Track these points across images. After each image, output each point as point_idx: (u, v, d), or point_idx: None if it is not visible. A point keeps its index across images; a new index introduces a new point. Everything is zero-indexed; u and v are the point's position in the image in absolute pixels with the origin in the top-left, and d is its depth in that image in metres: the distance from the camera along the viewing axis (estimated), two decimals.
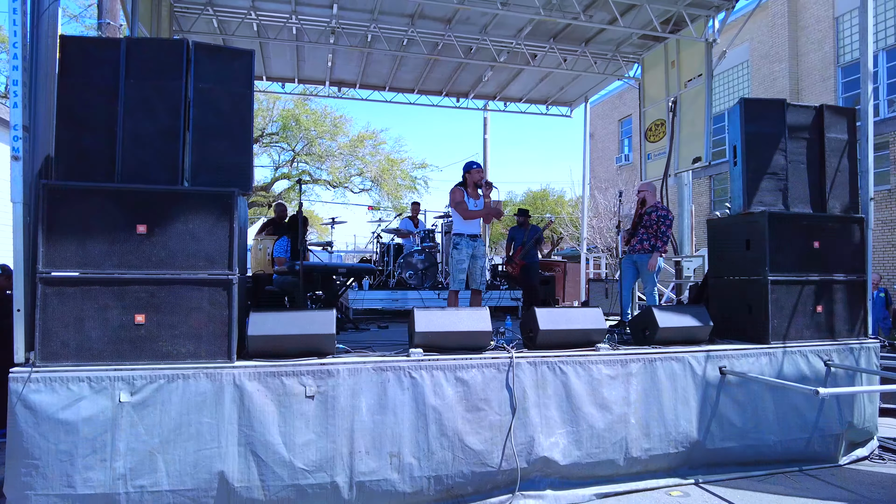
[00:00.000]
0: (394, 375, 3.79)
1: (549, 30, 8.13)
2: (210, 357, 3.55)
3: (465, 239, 5.46)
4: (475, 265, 5.52)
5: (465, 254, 5.43)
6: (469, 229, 5.48)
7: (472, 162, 5.67)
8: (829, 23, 13.55)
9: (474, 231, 5.53)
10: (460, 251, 5.44)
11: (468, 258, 5.44)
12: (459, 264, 5.42)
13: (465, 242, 5.45)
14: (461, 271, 5.42)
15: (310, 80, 10.03)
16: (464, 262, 5.41)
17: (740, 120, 5.01)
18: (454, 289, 5.50)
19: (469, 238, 5.48)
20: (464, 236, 5.47)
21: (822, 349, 4.88)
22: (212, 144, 3.73)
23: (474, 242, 5.49)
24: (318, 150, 24.42)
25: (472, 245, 5.47)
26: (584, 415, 4.08)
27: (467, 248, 5.45)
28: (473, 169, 5.59)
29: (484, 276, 5.59)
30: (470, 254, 5.46)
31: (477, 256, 5.52)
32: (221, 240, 3.61)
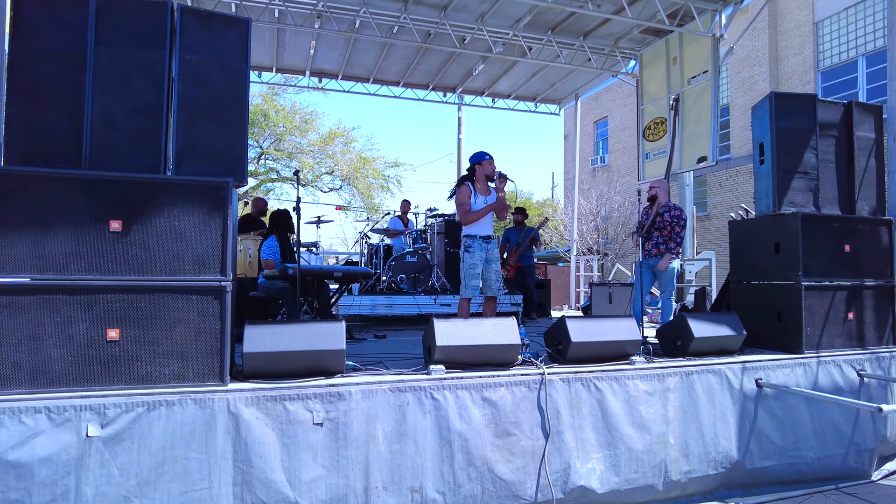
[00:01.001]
0: (413, 397, 3.29)
1: (548, 21, 7.75)
2: (199, 379, 2.98)
3: (477, 241, 4.86)
4: (489, 269, 4.91)
5: (478, 257, 4.82)
6: (482, 230, 4.89)
7: (482, 152, 5.04)
8: (808, 28, 13.64)
9: (487, 232, 4.92)
10: (473, 255, 4.83)
11: (482, 262, 4.87)
12: (472, 269, 4.82)
13: (477, 245, 4.85)
14: (475, 277, 4.81)
15: (289, 70, 9.39)
16: (477, 266, 4.81)
17: (770, 115, 4.69)
18: (466, 296, 4.89)
19: (482, 240, 4.88)
20: (476, 238, 4.87)
21: (854, 359, 4.61)
22: (201, 127, 3.16)
23: (488, 244, 4.90)
24: (288, 147, 23.58)
25: (485, 247, 4.87)
26: (621, 436, 3.67)
27: (481, 250, 4.84)
28: (485, 160, 4.96)
29: (499, 281, 5.02)
30: (484, 257, 4.89)
31: (491, 260, 4.94)
32: (212, 239, 3.04)
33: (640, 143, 8.59)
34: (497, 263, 4.99)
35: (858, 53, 12.66)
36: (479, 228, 4.90)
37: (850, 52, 12.86)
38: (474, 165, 5.03)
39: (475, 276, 4.83)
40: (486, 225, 4.92)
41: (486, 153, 5.02)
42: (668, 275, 5.70)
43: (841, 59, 13.04)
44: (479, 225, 4.89)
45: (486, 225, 4.92)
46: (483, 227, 4.91)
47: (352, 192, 26.10)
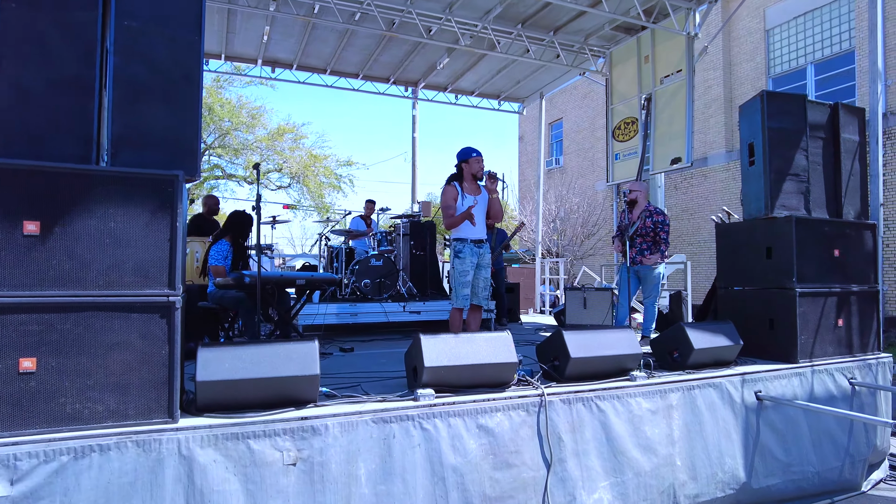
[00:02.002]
0: (400, 428, 2.84)
1: (520, 14, 7.42)
2: (142, 416, 2.43)
3: (468, 245, 4.40)
4: (479, 276, 4.46)
5: (468, 263, 4.36)
6: (473, 233, 4.42)
7: (469, 148, 4.55)
8: (760, 35, 13.95)
9: (480, 235, 4.46)
10: (464, 260, 4.36)
11: (472, 268, 4.38)
12: (463, 276, 4.35)
13: (468, 249, 4.39)
14: (465, 285, 4.35)
15: (239, 58, 8.68)
16: (468, 273, 4.35)
17: (761, 115, 4.49)
18: (459, 306, 4.41)
19: (473, 244, 4.42)
20: (467, 242, 4.40)
21: (845, 366, 4.48)
22: (143, 109, 2.60)
23: (480, 249, 4.45)
24: (233, 143, 22.43)
25: (476, 252, 4.42)
26: (627, 461, 3.33)
27: (472, 255, 4.39)
28: (472, 158, 4.48)
29: (487, 289, 4.55)
30: (475, 262, 4.41)
31: (481, 266, 4.47)
32: (158, 245, 2.49)
33: (610, 143, 8.40)
34: (487, 270, 4.55)
35: (808, 61, 13.02)
36: (470, 231, 4.43)
37: (799, 59, 13.22)
38: (461, 163, 4.56)
39: (466, 283, 4.37)
40: (479, 227, 4.44)
41: (473, 149, 4.56)
42: (653, 281, 5.47)
43: (791, 67, 13.39)
44: (471, 227, 4.41)
45: (478, 227, 4.44)
46: (475, 230, 4.43)
47: (301, 190, 25.21)
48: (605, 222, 18.34)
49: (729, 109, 14.62)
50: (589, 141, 21.15)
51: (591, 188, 20.02)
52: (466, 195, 4.45)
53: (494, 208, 4.58)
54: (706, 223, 15.03)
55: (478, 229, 4.43)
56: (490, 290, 4.52)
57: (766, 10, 13.68)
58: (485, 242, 4.49)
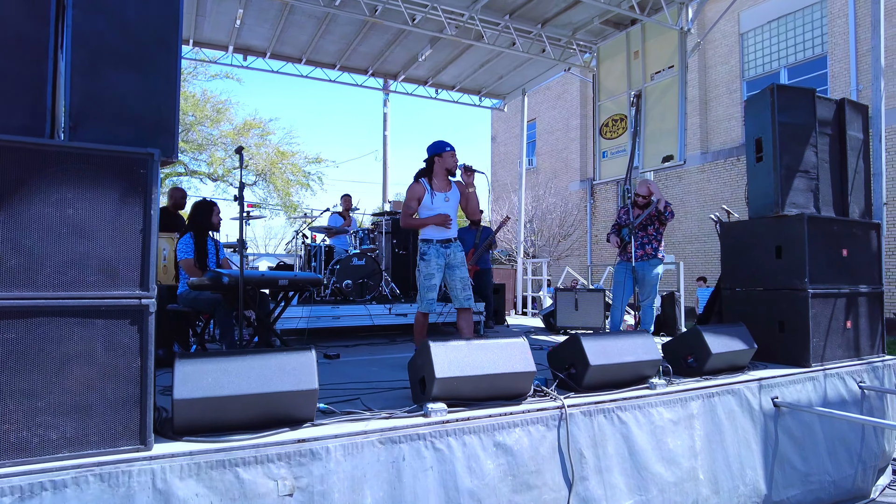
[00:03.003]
0: (410, 449, 2.49)
1: (508, 4, 7.13)
2: (107, 443, 2.02)
3: (433, 246, 4.08)
4: (453, 276, 4.12)
5: (434, 265, 4.04)
6: (438, 233, 4.10)
7: (443, 142, 4.20)
8: (734, 38, 14.08)
9: (446, 235, 4.12)
10: (429, 263, 4.04)
11: (439, 270, 4.07)
12: (428, 280, 4.03)
13: (434, 251, 4.07)
14: (431, 289, 4.03)
15: (209, 44, 8.13)
16: (434, 276, 4.04)
17: (771, 109, 4.31)
18: (423, 311, 4.09)
19: (440, 244, 4.09)
20: (432, 243, 4.09)
21: (854, 370, 4.34)
22: (110, 76, 2.18)
23: (447, 249, 4.12)
24: (197, 138, 21.55)
25: (443, 253, 4.09)
26: (651, 476, 3.06)
27: (437, 257, 4.07)
28: (446, 152, 4.14)
29: (468, 288, 4.17)
30: (442, 264, 4.09)
31: (454, 266, 4.12)
32: (129, 237, 2.09)
33: (597, 140, 8.20)
34: (463, 269, 4.17)
35: (781, 65, 13.18)
36: (435, 232, 4.09)
37: (773, 63, 13.38)
38: (433, 157, 4.16)
39: (432, 287, 4.02)
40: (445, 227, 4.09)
41: (446, 143, 4.19)
42: (652, 281, 5.27)
43: (765, 70, 13.54)
44: (436, 227, 4.08)
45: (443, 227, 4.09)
46: (441, 230, 4.09)
47: (267, 188, 24.46)
48: (581, 223, 18.30)
49: (704, 112, 14.72)
50: (562, 142, 21.11)
51: (564, 189, 19.97)
52: (436, 193, 4.11)
53: (472, 203, 4.24)
54: (681, 225, 15.10)
55: (445, 229, 4.10)
56: (470, 289, 4.18)
57: (740, 13, 13.82)
58: (454, 241, 4.16)
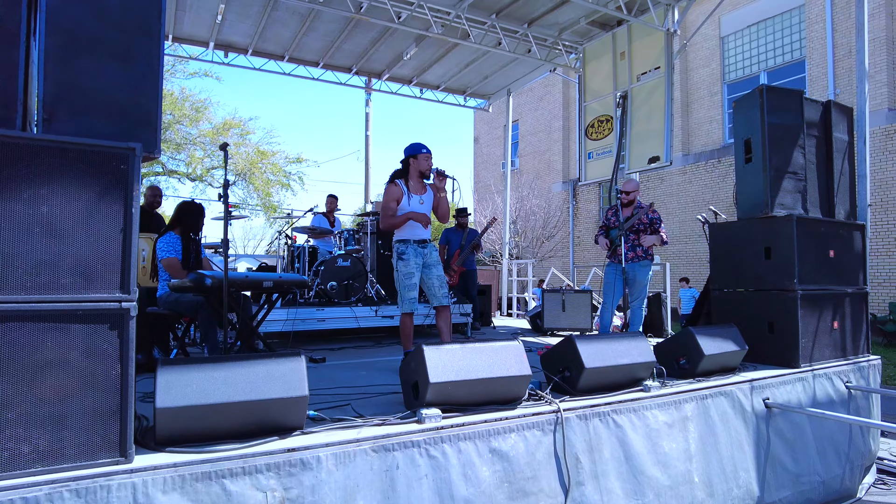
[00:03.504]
0: (404, 457, 2.40)
1: (495, 3, 7.08)
2: (84, 456, 1.90)
3: (411, 246, 4.11)
4: (430, 275, 4.16)
5: (413, 265, 4.08)
6: (415, 233, 4.14)
7: (418, 144, 4.23)
8: (715, 42, 14.24)
9: (423, 235, 4.17)
10: (407, 262, 4.07)
11: (418, 269, 4.11)
12: (408, 279, 4.06)
13: (412, 250, 4.11)
14: (411, 288, 4.07)
15: (188, 40, 7.92)
16: (413, 275, 4.07)
17: (760, 110, 4.32)
18: (406, 311, 4.11)
19: (417, 244, 4.13)
20: (409, 243, 4.12)
21: (841, 370, 4.37)
22: (87, 64, 2.06)
23: (424, 249, 4.16)
24: (176, 137, 21.13)
25: (421, 252, 4.14)
26: (647, 480, 3.02)
27: (416, 256, 4.11)
28: (421, 154, 4.16)
29: (445, 286, 4.21)
30: (420, 263, 4.13)
31: (431, 265, 4.17)
32: (108, 236, 1.97)
33: (582, 141, 8.19)
34: (439, 268, 4.21)
35: (761, 69, 13.37)
36: (412, 232, 4.12)
37: (752, 67, 13.56)
38: (408, 159, 4.19)
39: (412, 286, 4.04)
40: (420, 227, 4.14)
41: (422, 145, 4.20)
42: (642, 282, 5.25)
43: (745, 73, 13.72)
44: (413, 228, 4.11)
45: (420, 227, 4.14)
46: (417, 230, 4.13)
47: (247, 188, 24.12)
48: (564, 224, 18.36)
49: (686, 114, 14.86)
50: (545, 143, 21.18)
51: (547, 190, 20.03)
52: (413, 195, 4.16)
53: (442, 207, 4.26)
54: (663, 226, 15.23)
55: (420, 229, 4.14)
56: (447, 287, 4.24)
57: (721, 17, 13.98)
58: (429, 242, 4.21)
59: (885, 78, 10.75)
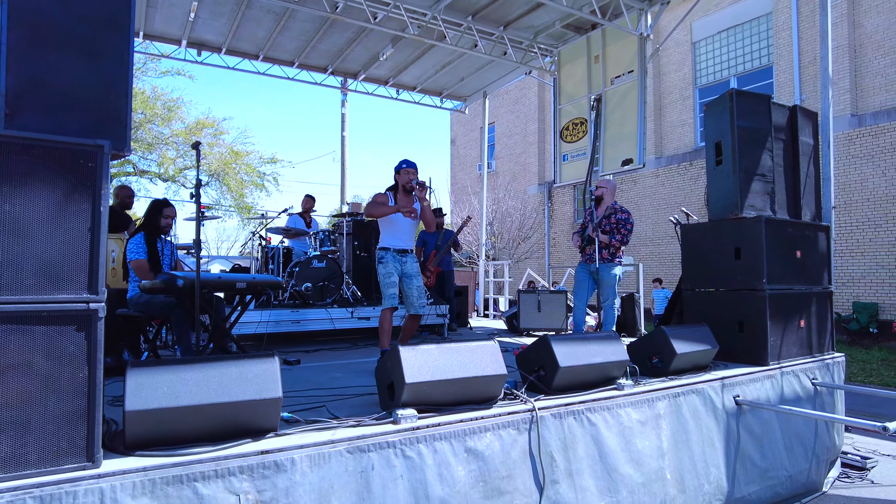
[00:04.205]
0: (380, 458, 2.39)
1: (471, 5, 7.11)
2: (48, 461, 1.84)
3: (390, 253, 4.42)
4: (410, 285, 4.45)
5: (391, 267, 4.39)
6: (395, 243, 4.44)
7: (403, 161, 4.57)
8: (687, 47, 14.53)
9: (402, 245, 4.46)
10: (386, 264, 4.40)
11: (396, 271, 4.42)
12: (388, 277, 4.37)
13: (390, 256, 4.42)
14: (391, 285, 4.37)
15: (160, 37, 7.78)
16: (392, 274, 4.38)
17: (730, 113, 4.42)
18: (386, 306, 4.37)
19: (396, 253, 4.43)
20: (389, 250, 4.42)
21: (808, 367, 4.48)
22: (53, 59, 2.01)
23: (403, 258, 4.46)
24: (147, 137, 20.69)
25: (399, 260, 4.44)
26: (621, 478, 3.05)
27: (394, 261, 4.42)
28: (403, 169, 4.51)
29: (423, 297, 4.51)
30: (399, 268, 4.43)
31: (410, 275, 4.46)
32: (74, 236, 1.92)
33: (557, 144, 8.27)
34: (418, 279, 4.50)
35: (731, 74, 13.68)
36: (392, 241, 4.44)
37: (723, 72, 13.87)
38: (395, 175, 4.58)
39: (392, 284, 4.35)
40: (401, 237, 4.45)
41: (405, 161, 4.57)
42: (609, 282, 5.31)
43: (716, 78, 14.02)
44: (394, 237, 4.44)
45: (400, 237, 4.45)
46: (397, 240, 4.44)
47: (221, 189, 23.76)
48: (539, 226, 18.50)
49: (658, 117, 15.12)
50: (521, 146, 21.33)
51: (523, 192, 20.17)
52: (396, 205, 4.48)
53: (426, 216, 4.55)
54: (637, 227, 15.43)
55: (402, 240, 4.45)
56: (425, 297, 4.60)
57: (692, 23, 14.27)
58: (409, 252, 4.51)
59: (847, 84, 11.10)
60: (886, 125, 10.65)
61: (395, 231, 4.43)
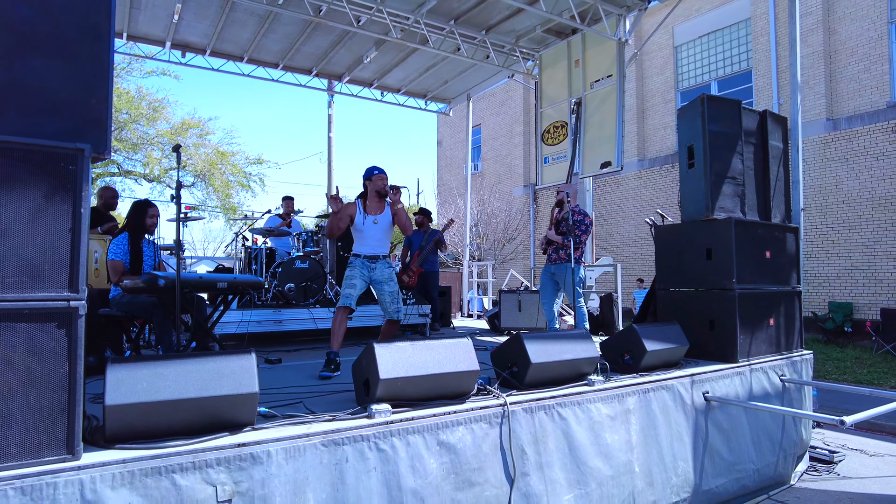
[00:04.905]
0: (354, 451, 2.48)
1: (453, 10, 7.22)
2: (30, 454, 1.91)
3: (359, 259, 4.39)
4: (382, 291, 4.42)
5: (357, 272, 4.35)
6: (364, 250, 4.40)
7: (372, 167, 4.55)
8: (669, 51, 14.76)
9: (371, 252, 4.40)
10: (353, 268, 4.37)
11: (361, 278, 4.36)
12: (349, 279, 4.34)
13: (359, 262, 4.39)
14: (350, 286, 4.31)
15: (144, 39, 7.79)
16: (354, 277, 4.33)
17: (702, 118, 4.56)
18: (340, 304, 4.31)
19: (366, 259, 4.39)
20: (359, 257, 4.40)
21: (776, 364, 4.63)
22: (33, 64, 2.07)
23: (373, 264, 4.40)
24: (132, 137, 20.56)
25: (369, 266, 4.38)
26: (590, 470, 3.16)
27: (362, 268, 4.37)
28: (375, 175, 4.48)
29: (397, 302, 4.48)
30: (366, 275, 4.38)
31: (381, 281, 4.41)
32: (54, 235, 1.98)
33: (539, 146, 8.40)
34: (391, 284, 4.45)
35: (712, 78, 13.92)
36: (361, 248, 4.41)
37: (704, 76, 14.11)
38: (365, 182, 4.53)
39: (351, 286, 4.29)
40: (370, 244, 4.40)
41: (375, 168, 4.53)
42: (568, 283, 5.47)
43: (697, 82, 14.26)
44: (362, 244, 4.41)
45: (368, 244, 4.40)
46: (365, 247, 4.40)
47: (206, 189, 23.66)
48: (525, 227, 18.64)
49: (641, 120, 15.33)
50: (506, 147, 21.48)
51: (509, 194, 20.33)
52: (368, 215, 4.42)
53: (400, 219, 4.48)
54: (619, 228, 15.67)
55: (370, 246, 4.40)
56: (399, 302, 4.50)
57: (674, 27, 14.50)
58: (381, 259, 4.44)
59: (822, 89, 11.36)
60: (860, 129, 10.92)
61: (363, 238, 4.40)
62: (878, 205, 10.61)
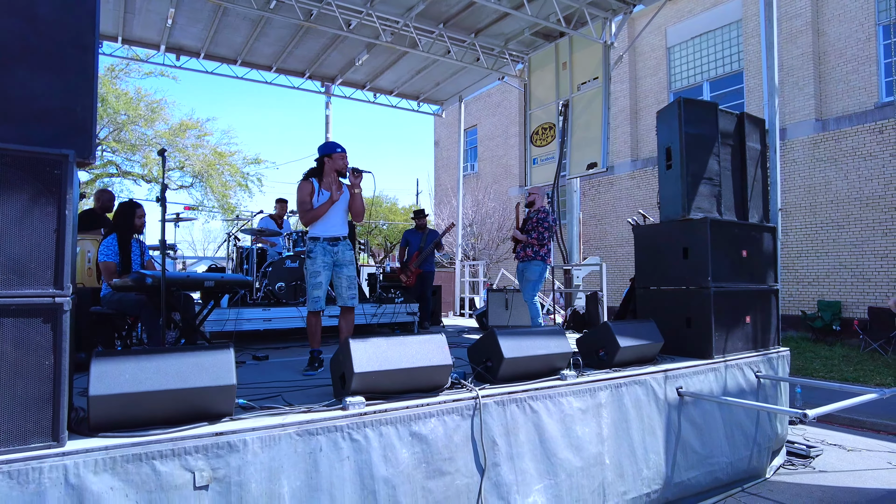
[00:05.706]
0: (327, 441, 2.60)
1: (442, 13, 7.34)
2: (17, 440, 2.03)
3: (320, 244, 4.11)
4: (340, 275, 4.16)
5: (319, 263, 4.08)
6: (325, 231, 4.13)
7: (332, 143, 4.26)
8: (662, 52, 14.88)
9: (334, 233, 4.15)
10: (314, 261, 4.09)
11: (325, 268, 4.10)
12: (314, 278, 4.07)
13: (320, 248, 4.11)
14: (316, 286, 4.07)
15: (139, 42, 7.92)
16: (318, 274, 4.07)
17: (679, 121, 4.68)
18: (311, 309, 4.13)
19: (327, 242, 4.12)
20: (319, 240, 4.12)
21: (752, 361, 4.75)
22: (20, 74, 2.20)
23: (334, 247, 4.15)
24: (130, 138, 20.69)
25: (330, 251, 4.13)
26: (560, 461, 3.29)
27: (323, 255, 4.10)
28: (336, 153, 4.18)
29: (354, 287, 4.19)
30: (329, 262, 4.12)
31: (342, 264, 4.16)
32: (39, 235, 2.11)
33: (527, 148, 8.52)
34: (350, 268, 4.21)
35: (704, 79, 14.04)
36: (322, 229, 4.13)
37: (696, 76, 14.23)
38: (323, 157, 4.22)
39: (317, 285, 4.08)
40: (333, 224, 4.15)
41: (336, 144, 4.25)
42: (529, 277, 5.68)
43: (690, 83, 14.38)
44: (324, 224, 4.13)
45: (332, 224, 4.15)
46: (328, 228, 4.14)
47: (204, 190, 23.79)
48: None
49: (634, 121, 15.45)
50: (502, 148, 21.60)
51: (504, 194, 20.45)
52: (323, 191, 4.18)
53: (356, 204, 4.26)
54: (612, 228, 15.78)
55: (334, 226, 4.16)
56: (356, 288, 4.24)
57: (666, 28, 14.62)
58: (342, 240, 4.21)
59: (812, 90, 11.48)
60: (849, 129, 11.04)
61: (325, 217, 4.11)
62: (866, 204, 10.73)
